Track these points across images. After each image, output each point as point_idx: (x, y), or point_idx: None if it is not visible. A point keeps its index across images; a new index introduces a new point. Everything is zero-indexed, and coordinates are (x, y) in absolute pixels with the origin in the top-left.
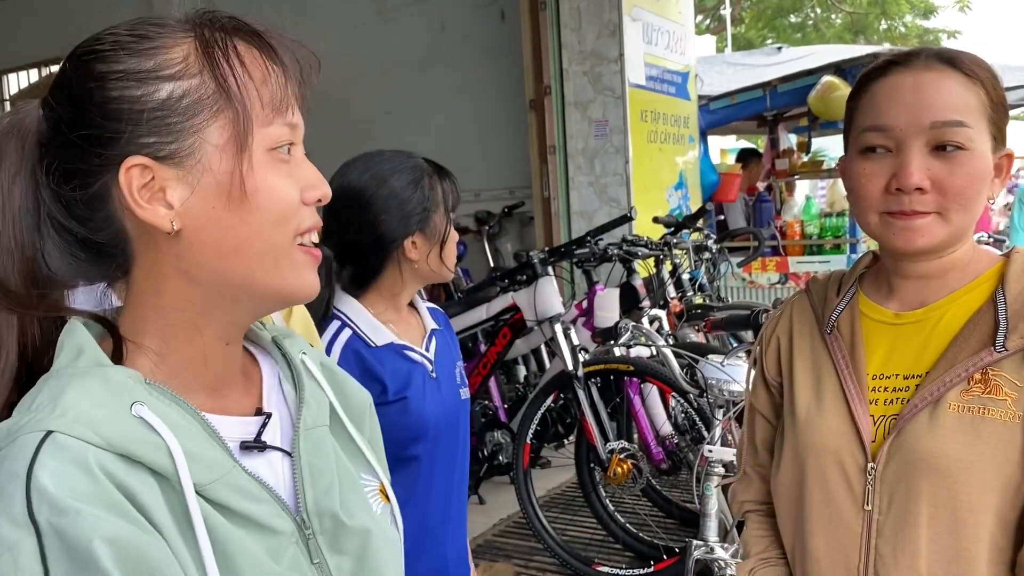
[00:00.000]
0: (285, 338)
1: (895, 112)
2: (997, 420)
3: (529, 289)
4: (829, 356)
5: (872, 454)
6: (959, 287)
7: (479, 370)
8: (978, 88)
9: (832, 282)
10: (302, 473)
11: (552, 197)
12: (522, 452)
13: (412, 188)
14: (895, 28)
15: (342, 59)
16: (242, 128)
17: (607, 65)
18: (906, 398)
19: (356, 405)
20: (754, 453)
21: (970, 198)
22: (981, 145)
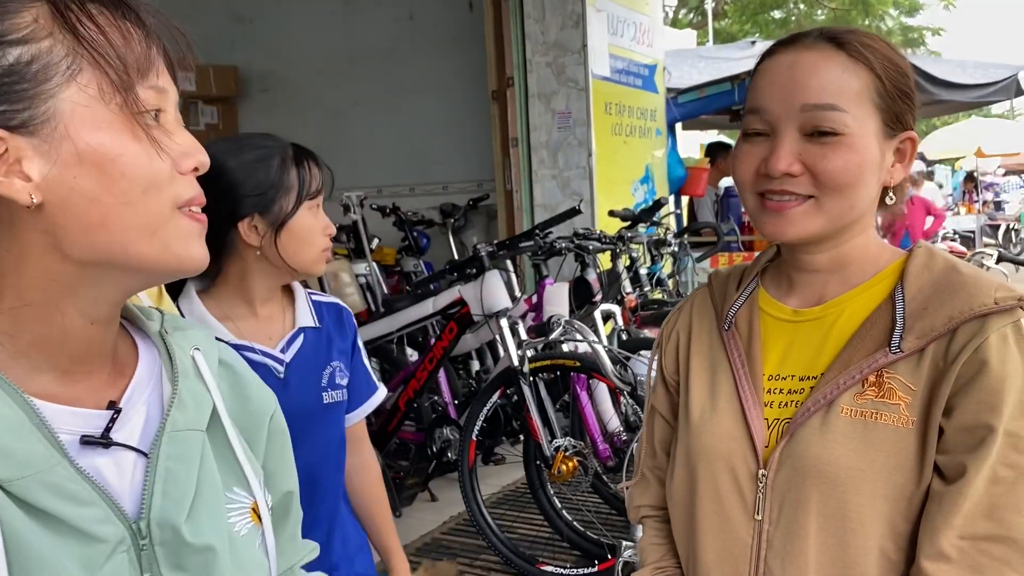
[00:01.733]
0: (176, 331)
1: (770, 94)
2: (890, 426)
3: (476, 283)
4: (726, 355)
5: (764, 460)
6: (859, 283)
7: (425, 365)
8: (862, 71)
9: (734, 276)
10: (154, 477)
11: (515, 190)
12: (467, 449)
13: (256, 166)
14: (878, 26)
15: (310, 49)
16: (98, 92)
17: (570, 56)
18: (801, 400)
19: (252, 413)
20: (652, 455)
21: (846, 184)
22: (861, 130)
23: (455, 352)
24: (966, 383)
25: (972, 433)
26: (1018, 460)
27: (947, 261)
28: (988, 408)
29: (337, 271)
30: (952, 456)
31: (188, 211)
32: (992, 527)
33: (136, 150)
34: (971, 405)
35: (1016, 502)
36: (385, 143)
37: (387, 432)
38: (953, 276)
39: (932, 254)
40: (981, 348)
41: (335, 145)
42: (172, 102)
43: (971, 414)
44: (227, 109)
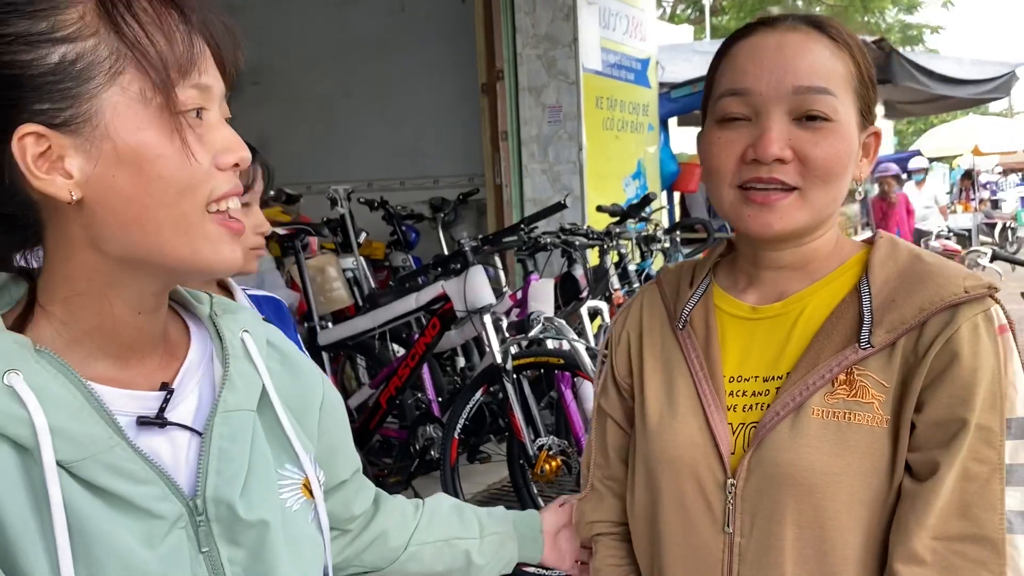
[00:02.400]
0: (225, 313)
1: (755, 75)
2: (864, 426)
3: (459, 278)
4: (682, 355)
5: (732, 468)
6: (820, 277)
7: (407, 362)
8: (846, 56)
9: (685, 272)
10: (208, 456)
11: (504, 184)
12: (449, 448)
13: None
14: (876, 23)
15: (301, 40)
16: (139, 92)
17: (561, 49)
18: (766, 403)
19: (304, 392)
20: (605, 464)
21: (834, 175)
22: (847, 118)
23: (440, 348)
24: (937, 376)
25: (944, 428)
26: (990, 455)
27: (911, 251)
28: (960, 401)
29: (324, 265)
30: (923, 453)
31: (222, 217)
32: (966, 526)
33: (175, 151)
34: (943, 399)
35: (990, 499)
36: (376, 136)
37: (368, 430)
38: (919, 266)
39: (895, 244)
40: (952, 339)
41: (326, 138)
42: (217, 97)
43: (943, 408)
44: None
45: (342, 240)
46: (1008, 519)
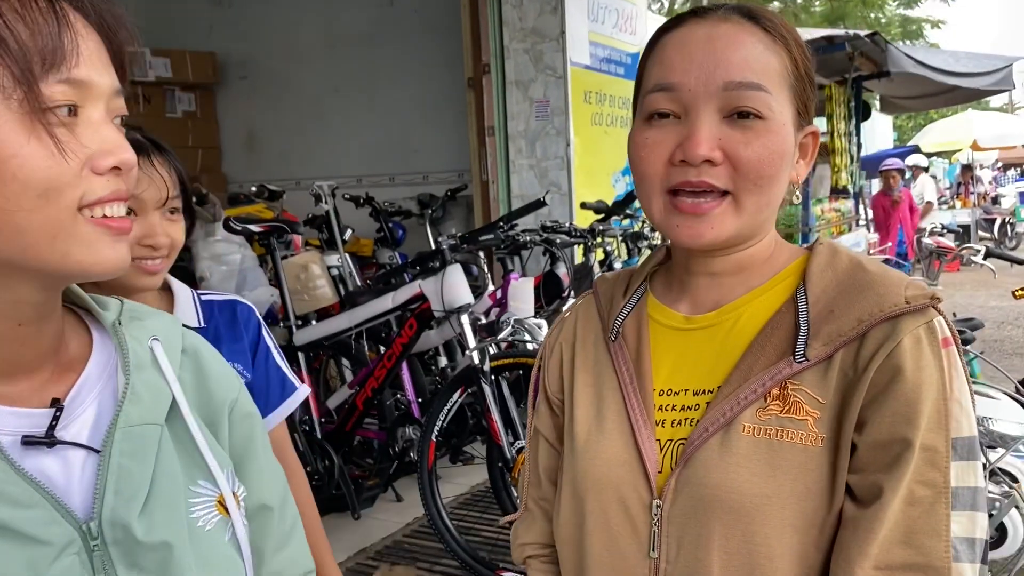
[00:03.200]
0: (133, 321)
1: (684, 69)
2: (797, 444)
3: (436, 277)
4: (613, 368)
5: (658, 488)
6: (757, 285)
7: (383, 363)
8: (781, 50)
9: (620, 281)
10: (105, 475)
11: (491, 180)
12: (427, 450)
13: None
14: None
15: (289, 34)
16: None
17: (548, 43)
18: (696, 418)
19: (214, 401)
20: (537, 484)
21: (767, 176)
22: (782, 116)
23: (421, 348)
24: (879, 393)
25: (887, 449)
26: (935, 478)
27: (852, 258)
28: (904, 420)
29: (307, 263)
30: (865, 475)
31: (97, 216)
32: (910, 555)
33: (33, 151)
34: (885, 418)
35: (935, 525)
36: (365, 131)
37: (344, 432)
38: (859, 274)
39: (835, 251)
40: (894, 353)
41: (314, 133)
42: (100, 95)
43: (886, 427)
44: (205, 96)
45: (327, 237)
46: (954, 546)
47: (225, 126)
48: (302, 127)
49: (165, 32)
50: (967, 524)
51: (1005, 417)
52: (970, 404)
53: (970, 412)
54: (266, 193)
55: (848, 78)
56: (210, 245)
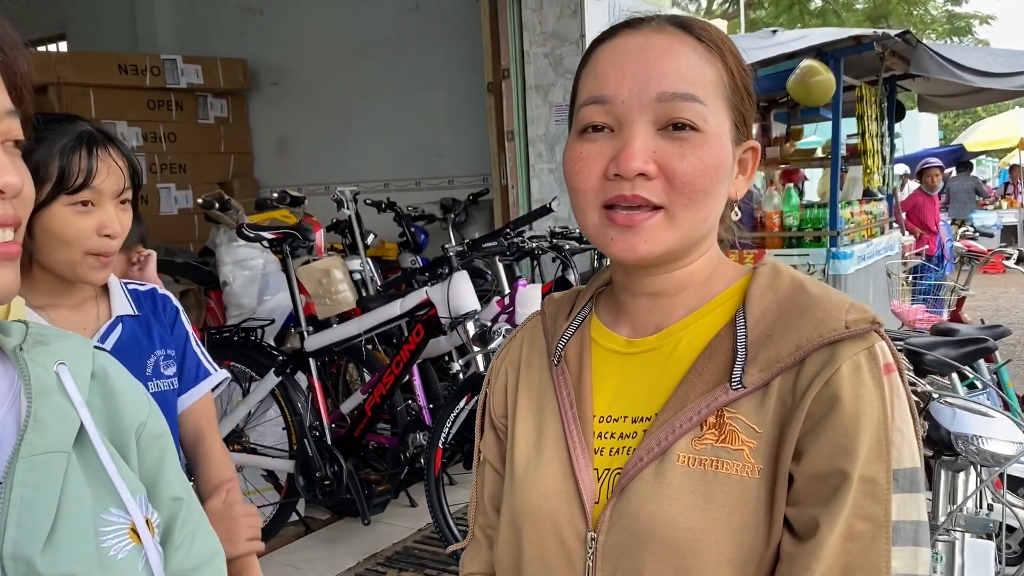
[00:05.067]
0: (38, 345)
1: (616, 80)
2: (732, 476)
3: (443, 284)
4: (554, 393)
5: (594, 520)
6: (698, 306)
7: (391, 369)
8: (717, 61)
9: (566, 301)
10: (7, 507)
11: (511, 185)
12: (433, 457)
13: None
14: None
15: (317, 40)
16: None
17: (568, 47)
18: (633, 447)
19: (123, 425)
20: (484, 512)
21: (702, 191)
22: (718, 128)
23: (433, 353)
24: (816, 422)
25: (824, 481)
26: (875, 511)
27: (794, 280)
28: (841, 451)
29: (329, 267)
30: (803, 509)
31: None
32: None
33: None
34: (823, 448)
35: (875, 561)
36: (391, 136)
37: (354, 437)
38: (800, 297)
39: (777, 272)
40: (832, 380)
41: (342, 138)
42: None
43: (823, 459)
44: (236, 102)
45: (350, 242)
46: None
47: (256, 131)
48: (330, 132)
49: (197, 40)
50: (909, 560)
51: (998, 436)
52: (913, 433)
53: (912, 442)
54: (288, 199)
55: (879, 78)
56: (233, 250)
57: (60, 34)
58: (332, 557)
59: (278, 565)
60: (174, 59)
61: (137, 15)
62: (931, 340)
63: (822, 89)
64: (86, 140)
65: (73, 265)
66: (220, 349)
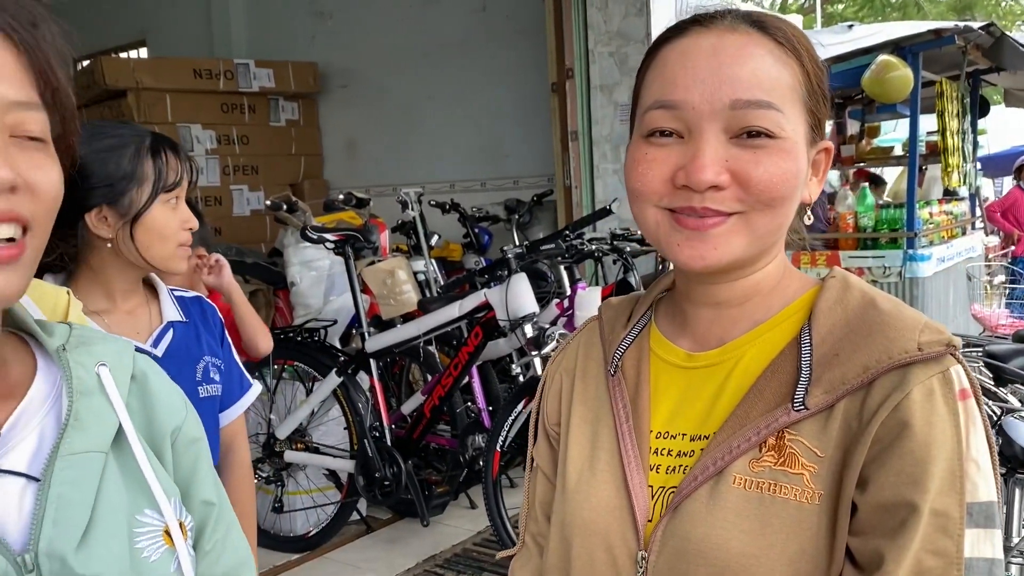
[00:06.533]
0: (80, 346)
1: (687, 85)
2: (791, 501)
3: (502, 286)
4: (610, 405)
5: (645, 539)
6: (763, 320)
7: (450, 371)
8: (793, 63)
9: (624, 308)
10: (45, 504)
11: (574, 186)
12: (491, 460)
13: (107, 155)
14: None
15: (386, 43)
16: None
17: (633, 45)
18: (689, 465)
19: (159, 428)
20: (535, 520)
21: (779, 198)
22: (794, 134)
23: (493, 356)
24: (884, 449)
25: (891, 513)
26: (947, 546)
27: (864, 295)
28: (910, 481)
29: (394, 268)
30: (867, 539)
31: None
32: None
33: None
34: (890, 477)
35: None
36: (457, 137)
37: (413, 438)
38: (871, 314)
39: (847, 286)
40: (902, 405)
41: (409, 140)
42: None
43: (890, 489)
44: (307, 105)
45: (415, 243)
46: None
47: (326, 134)
48: (398, 134)
49: (269, 44)
50: None
51: None
52: (990, 464)
53: (989, 474)
54: (354, 200)
55: (962, 73)
56: (300, 251)
57: (141, 40)
58: (391, 557)
59: (339, 564)
60: (247, 63)
61: (213, 21)
62: (1013, 347)
63: (899, 85)
64: (165, 142)
65: (168, 258)
66: (284, 349)
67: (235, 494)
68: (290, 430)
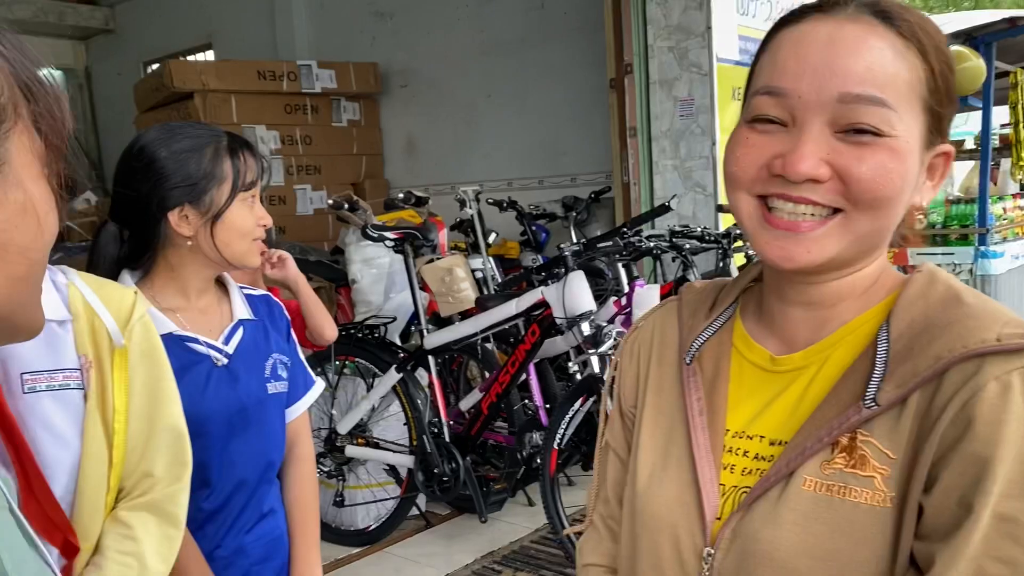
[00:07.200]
0: None
1: (796, 73)
2: (861, 504)
3: (559, 284)
4: (683, 397)
5: (712, 536)
6: (850, 319)
7: (507, 368)
8: (915, 58)
9: (707, 294)
10: None
11: (632, 182)
12: (549, 458)
13: (187, 155)
14: None
15: (445, 42)
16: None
17: (693, 40)
18: (766, 470)
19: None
20: (606, 501)
21: (884, 199)
22: (906, 133)
23: (550, 353)
24: (950, 447)
25: (951, 515)
26: (1014, 554)
27: (949, 288)
28: (971, 481)
29: (452, 266)
30: (928, 544)
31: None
32: None
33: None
34: (954, 478)
35: None
36: (515, 135)
37: (471, 435)
38: (952, 307)
39: (933, 280)
40: (973, 401)
41: (468, 138)
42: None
43: (953, 489)
44: (368, 105)
45: (472, 241)
46: None
47: (387, 133)
48: (457, 132)
49: (331, 45)
50: None
51: None
52: None
53: None
54: (413, 199)
55: None
56: (361, 249)
57: (207, 44)
58: (450, 553)
59: (398, 558)
60: (310, 64)
61: (276, 23)
62: None
63: (971, 76)
64: (241, 142)
65: (245, 254)
66: (345, 345)
67: (299, 488)
68: (351, 425)
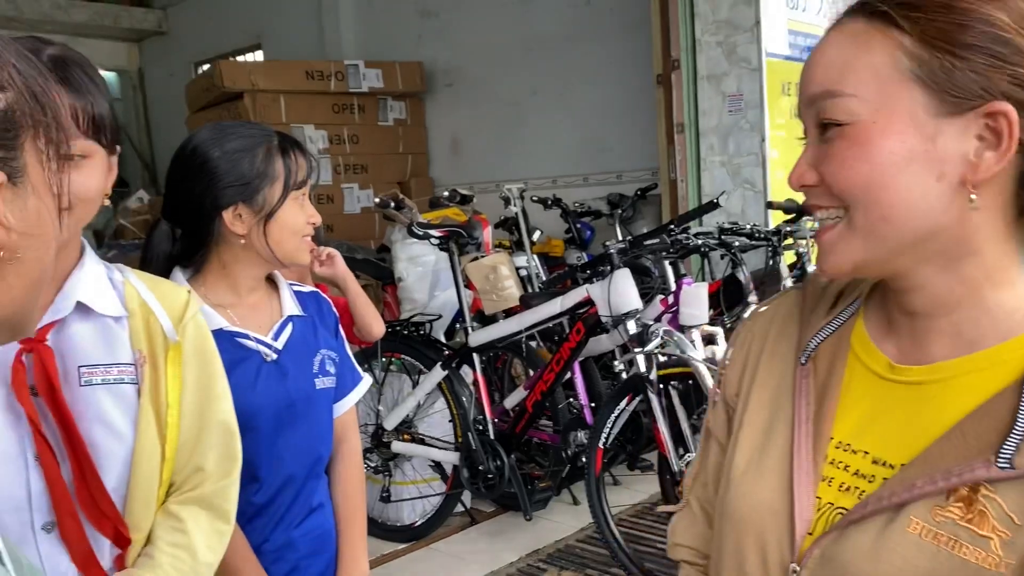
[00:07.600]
0: None
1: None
2: (970, 563)
3: (604, 282)
4: (792, 397)
5: (800, 552)
6: (983, 346)
7: (552, 367)
8: (889, 33)
9: (831, 291)
10: None
11: (680, 179)
12: (594, 457)
13: (240, 155)
14: None
15: (490, 40)
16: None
17: (742, 34)
18: (867, 491)
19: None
20: (704, 484)
21: (854, 188)
22: (877, 113)
23: (595, 352)
24: None
25: None
26: None
27: None
28: None
29: (496, 264)
30: None
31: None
32: None
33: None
34: None
35: None
36: (560, 132)
37: (515, 432)
38: None
39: None
40: None
41: (513, 136)
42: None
43: None
44: (414, 104)
45: (517, 238)
46: None
47: (432, 132)
48: (502, 130)
49: (378, 45)
50: None
51: None
52: None
53: None
54: (458, 197)
55: None
56: (407, 247)
57: (256, 44)
58: (495, 550)
59: (444, 555)
60: (356, 64)
61: (324, 24)
62: None
63: None
64: (292, 141)
65: (296, 252)
66: (391, 342)
67: (347, 483)
68: (397, 421)
